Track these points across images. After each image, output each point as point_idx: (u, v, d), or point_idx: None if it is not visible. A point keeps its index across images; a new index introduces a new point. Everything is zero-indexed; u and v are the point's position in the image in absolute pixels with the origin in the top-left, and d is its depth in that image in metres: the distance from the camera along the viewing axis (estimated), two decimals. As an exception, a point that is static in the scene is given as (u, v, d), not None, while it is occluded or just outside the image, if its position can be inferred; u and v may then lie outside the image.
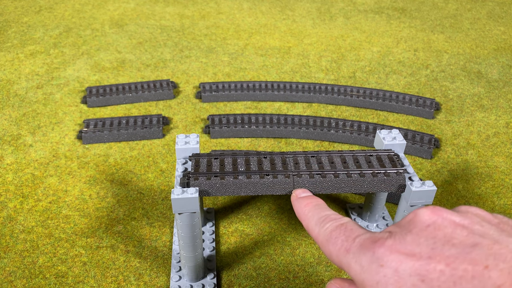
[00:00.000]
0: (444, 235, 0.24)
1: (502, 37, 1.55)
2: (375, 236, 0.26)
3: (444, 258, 0.23)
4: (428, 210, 0.26)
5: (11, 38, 1.45)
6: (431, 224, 0.25)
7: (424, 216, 0.26)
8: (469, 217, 0.26)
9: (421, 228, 0.25)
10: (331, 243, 0.28)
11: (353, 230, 0.28)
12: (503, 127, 1.06)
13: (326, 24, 1.62)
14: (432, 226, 0.25)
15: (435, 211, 0.26)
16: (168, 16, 1.66)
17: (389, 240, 0.25)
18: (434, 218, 0.26)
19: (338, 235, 0.28)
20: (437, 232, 0.25)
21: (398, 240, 0.25)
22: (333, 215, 0.31)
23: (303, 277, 0.69)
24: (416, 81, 1.25)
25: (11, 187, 0.84)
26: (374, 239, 0.26)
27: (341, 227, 0.29)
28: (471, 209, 0.27)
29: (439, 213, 0.26)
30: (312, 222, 0.32)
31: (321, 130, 0.99)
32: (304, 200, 0.36)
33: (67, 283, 0.66)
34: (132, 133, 0.98)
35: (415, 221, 0.26)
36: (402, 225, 0.27)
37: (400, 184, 0.59)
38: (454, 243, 0.24)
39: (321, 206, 0.34)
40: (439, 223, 0.25)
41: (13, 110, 1.08)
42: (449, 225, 0.25)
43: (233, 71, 1.28)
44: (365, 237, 0.27)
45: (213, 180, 0.57)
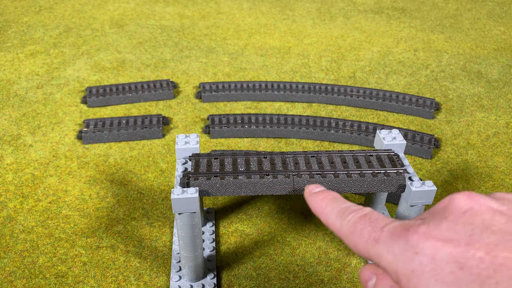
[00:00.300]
0: (482, 221, 0.23)
1: (502, 37, 1.55)
2: (406, 224, 0.25)
3: (483, 245, 0.22)
4: (465, 196, 0.25)
5: (11, 38, 1.45)
6: (468, 210, 0.24)
7: (461, 202, 0.25)
8: (506, 203, 0.25)
9: (457, 214, 0.24)
10: (357, 235, 0.27)
11: (379, 219, 0.27)
12: (503, 127, 1.06)
13: (326, 24, 1.62)
14: (470, 212, 0.24)
15: (472, 197, 0.25)
16: (168, 16, 1.66)
17: (423, 226, 0.24)
18: (471, 204, 0.25)
19: (363, 226, 0.27)
20: (474, 218, 0.24)
21: (433, 226, 0.24)
22: (353, 206, 0.30)
23: (303, 277, 0.69)
24: (416, 81, 1.25)
25: (11, 187, 0.84)
26: (406, 227, 0.25)
27: (365, 217, 0.28)
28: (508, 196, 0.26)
29: (476, 198, 0.25)
30: (332, 215, 0.30)
31: (321, 130, 0.99)
32: (319, 195, 0.34)
33: (67, 283, 0.66)
34: (132, 133, 0.98)
35: (450, 208, 0.25)
36: (436, 211, 0.26)
37: (400, 184, 0.59)
38: (493, 230, 0.23)
39: (339, 198, 0.33)
40: (476, 209, 0.24)
41: (13, 110, 1.08)
42: (487, 211, 0.24)
43: (233, 71, 1.28)
44: (394, 225, 0.26)
45: (213, 180, 0.57)
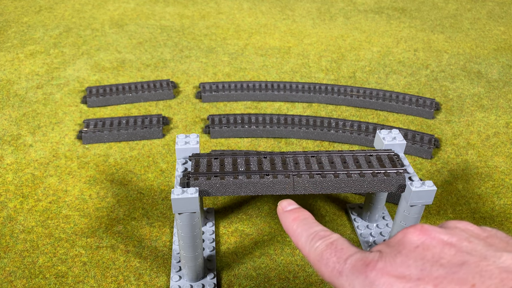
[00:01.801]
0: (433, 255, 0.25)
1: (502, 37, 1.55)
2: (366, 258, 0.27)
3: (432, 279, 0.23)
4: (417, 230, 0.27)
5: (11, 38, 1.45)
6: (420, 244, 0.26)
7: (413, 236, 0.26)
8: (457, 234, 0.26)
9: (410, 249, 0.26)
10: (323, 264, 0.28)
11: (344, 249, 0.28)
12: (503, 127, 1.06)
13: (326, 24, 1.62)
14: (421, 246, 0.26)
15: (424, 231, 0.26)
16: (168, 16, 1.66)
17: (380, 262, 0.26)
18: (422, 239, 0.26)
19: (329, 255, 0.28)
20: (425, 252, 0.25)
21: (389, 262, 0.25)
22: (322, 231, 0.31)
23: (303, 277, 0.69)
24: (416, 81, 1.25)
25: (11, 187, 0.84)
26: (366, 261, 0.26)
27: (331, 246, 0.29)
28: (460, 224, 0.28)
29: (427, 232, 0.26)
30: (302, 239, 0.32)
31: (321, 130, 0.99)
32: (291, 214, 0.35)
33: (67, 283, 0.66)
34: (132, 133, 0.98)
35: (404, 242, 0.27)
36: (392, 245, 0.27)
37: (400, 184, 0.59)
38: (442, 263, 0.24)
39: (309, 221, 0.33)
40: (427, 243, 0.26)
41: (13, 110, 1.08)
42: (438, 244, 0.25)
43: (233, 71, 1.28)
44: (356, 258, 0.27)
45: (213, 180, 0.57)
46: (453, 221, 0.29)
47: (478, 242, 0.25)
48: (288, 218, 0.34)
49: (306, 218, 0.34)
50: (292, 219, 0.34)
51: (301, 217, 0.34)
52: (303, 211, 0.35)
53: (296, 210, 0.35)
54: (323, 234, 0.31)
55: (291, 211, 0.35)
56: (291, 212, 0.35)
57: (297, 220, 0.34)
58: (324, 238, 0.30)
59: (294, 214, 0.35)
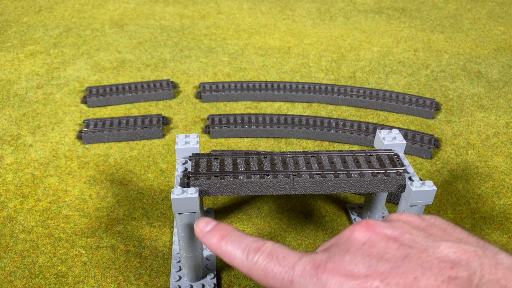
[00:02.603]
0: (378, 251, 0.25)
1: (502, 37, 1.55)
2: (314, 260, 0.27)
3: (379, 275, 0.24)
4: (362, 227, 0.27)
5: (11, 38, 1.45)
6: (366, 241, 0.26)
7: (360, 234, 0.27)
8: (399, 227, 0.27)
9: (357, 246, 0.26)
10: (271, 278, 0.28)
11: (286, 257, 0.28)
12: (503, 127, 1.06)
13: (326, 24, 1.62)
14: (367, 243, 0.26)
15: (369, 227, 0.27)
16: (168, 16, 1.66)
17: (330, 263, 0.26)
18: (368, 235, 0.27)
19: (274, 268, 0.28)
20: (371, 249, 0.26)
21: (338, 261, 0.26)
22: (254, 243, 0.30)
23: (303, 277, 0.69)
24: (416, 81, 1.25)
25: (11, 187, 0.84)
26: (315, 264, 0.27)
27: (272, 257, 0.28)
28: (402, 217, 0.29)
29: (372, 228, 0.27)
30: (237, 258, 0.30)
31: (321, 130, 0.99)
32: (214, 234, 0.32)
33: (67, 283, 0.66)
34: (132, 133, 0.98)
35: (351, 240, 0.27)
36: (340, 244, 0.27)
37: (400, 184, 0.59)
38: (387, 258, 0.25)
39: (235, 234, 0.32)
40: (373, 240, 0.26)
41: (13, 110, 1.08)
42: (382, 240, 0.26)
43: (233, 71, 1.28)
44: (303, 262, 0.27)
45: (213, 180, 0.57)
46: (395, 213, 0.29)
47: (418, 233, 0.26)
48: (212, 239, 0.32)
49: (230, 233, 0.32)
50: (217, 239, 0.32)
51: (226, 233, 0.32)
52: (225, 226, 0.33)
53: (217, 227, 0.33)
54: (257, 246, 0.30)
55: (212, 231, 0.33)
56: (213, 232, 0.33)
57: (223, 239, 0.31)
58: (260, 251, 0.29)
59: (217, 233, 0.32)
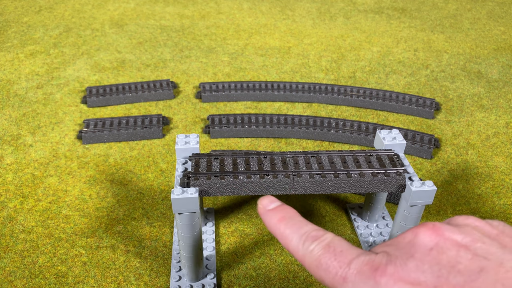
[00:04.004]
0: (449, 260, 0.23)
1: (502, 37, 1.55)
2: (373, 261, 0.25)
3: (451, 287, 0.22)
4: (429, 230, 0.25)
5: (11, 38, 1.45)
6: (433, 247, 0.24)
7: (426, 237, 0.25)
8: (469, 233, 0.25)
9: (423, 252, 0.24)
10: (322, 270, 0.26)
11: (343, 252, 0.26)
12: (503, 127, 1.06)
13: (326, 24, 1.62)
14: (435, 249, 0.24)
15: (436, 230, 0.25)
16: (168, 16, 1.66)
17: (390, 267, 0.24)
18: (435, 240, 0.24)
19: (328, 260, 0.26)
20: (441, 256, 0.24)
21: (400, 266, 0.24)
22: (313, 231, 0.29)
23: (303, 277, 0.69)
24: (416, 81, 1.25)
25: (11, 187, 0.84)
26: (373, 265, 0.24)
27: (329, 249, 0.27)
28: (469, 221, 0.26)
29: (439, 232, 0.25)
30: (293, 242, 0.29)
31: (321, 130, 0.99)
32: (276, 214, 0.31)
33: (67, 283, 0.66)
34: (132, 133, 0.98)
35: (415, 244, 0.25)
36: (402, 246, 0.25)
37: (400, 184, 0.59)
38: (459, 269, 0.23)
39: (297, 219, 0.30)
40: (441, 246, 0.24)
41: (13, 110, 1.08)
42: (452, 246, 0.24)
43: (233, 71, 1.28)
44: (361, 261, 0.25)
45: (213, 180, 0.57)
46: (460, 217, 0.27)
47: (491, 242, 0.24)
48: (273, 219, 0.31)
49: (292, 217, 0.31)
50: (277, 219, 0.31)
51: (287, 216, 0.31)
52: (288, 209, 0.32)
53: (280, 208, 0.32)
54: (316, 235, 0.28)
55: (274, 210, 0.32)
56: (275, 211, 0.31)
57: (283, 220, 0.30)
58: (318, 240, 0.28)
59: (278, 213, 0.31)
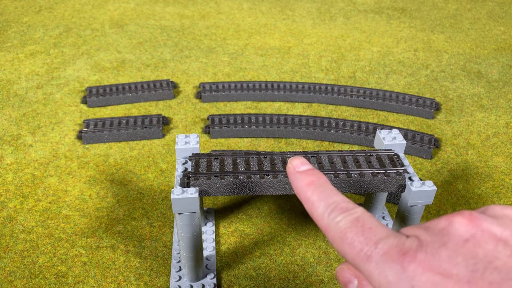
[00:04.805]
0: (485, 254, 0.22)
1: (502, 37, 1.55)
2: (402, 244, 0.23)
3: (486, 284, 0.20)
4: (465, 219, 0.23)
5: (11, 38, 1.45)
6: (469, 238, 0.22)
7: (461, 227, 0.23)
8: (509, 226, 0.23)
9: (457, 242, 0.22)
10: (347, 244, 0.25)
11: (372, 229, 0.25)
12: (503, 127, 1.06)
13: (326, 24, 1.62)
14: (471, 241, 0.22)
15: (473, 220, 0.23)
16: (168, 16, 1.66)
17: (421, 253, 0.22)
18: (472, 231, 0.23)
19: (355, 235, 0.25)
20: (477, 249, 0.22)
21: (431, 254, 0.22)
22: (343, 202, 0.27)
23: (303, 277, 0.69)
24: (416, 81, 1.25)
25: (11, 187, 0.84)
26: (402, 249, 0.23)
27: (357, 223, 0.25)
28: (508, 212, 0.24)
29: (477, 222, 0.23)
30: (319, 210, 0.27)
31: (321, 130, 0.99)
32: (305, 177, 0.29)
33: (67, 283, 0.66)
34: (132, 133, 0.98)
35: (450, 232, 0.23)
36: (434, 233, 0.23)
37: (400, 184, 0.59)
38: (497, 265, 0.21)
39: (327, 187, 0.28)
40: (478, 238, 0.22)
41: (13, 110, 1.08)
42: (490, 240, 0.22)
43: (233, 71, 1.28)
44: (389, 242, 0.24)
45: (213, 180, 0.57)
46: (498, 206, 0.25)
47: None
48: (301, 181, 0.29)
49: (323, 183, 0.29)
50: (306, 183, 0.29)
51: (317, 181, 0.29)
52: (319, 174, 0.29)
53: (311, 172, 0.30)
54: (345, 206, 0.26)
55: (305, 173, 0.29)
56: (305, 174, 0.29)
57: (312, 185, 0.28)
58: (347, 212, 0.26)
59: (308, 177, 0.29)
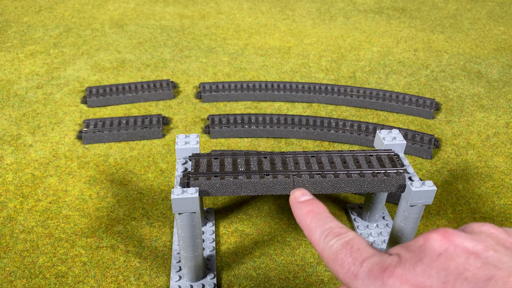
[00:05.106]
0: (457, 266, 0.23)
1: (502, 37, 1.55)
2: (384, 262, 0.25)
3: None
4: (439, 236, 0.25)
5: (11, 38, 1.45)
6: (442, 252, 0.24)
7: (436, 242, 0.25)
8: (482, 240, 0.24)
9: (432, 257, 0.24)
10: (338, 264, 0.27)
11: (360, 250, 0.27)
12: (503, 127, 1.06)
13: (326, 24, 1.62)
14: (444, 255, 0.24)
15: (447, 236, 0.25)
16: (168, 16, 1.66)
17: (399, 269, 0.24)
18: (445, 246, 0.24)
19: (344, 256, 0.27)
20: (449, 262, 0.23)
21: (408, 269, 0.24)
22: (337, 228, 0.30)
23: (303, 277, 0.69)
24: (416, 81, 1.25)
25: (11, 187, 0.84)
26: (383, 266, 0.25)
27: (347, 246, 0.28)
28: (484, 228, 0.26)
29: (450, 238, 0.24)
30: (316, 235, 0.30)
31: (321, 130, 0.99)
32: (305, 206, 0.33)
33: (67, 283, 0.66)
34: (132, 133, 0.98)
35: (425, 248, 0.25)
36: (412, 250, 0.25)
37: (400, 184, 0.59)
38: (466, 276, 0.22)
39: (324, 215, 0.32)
40: (451, 252, 0.24)
41: (13, 110, 1.08)
42: (462, 253, 0.24)
43: (233, 71, 1.28)
44: (373, 261, 0.26)
45: (213, 180, 0.57)
46: (476, 224, 0.27)
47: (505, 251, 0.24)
48: (302, 210, 0.33)
49: (320, 212, 0.32)
50: (306, 212, 0.32)
51: (316, 210, 0.32)
52: (317, 204, 0.33)
53: (311, 202, 0.33)
54: (339, 232, 0.29)
55: (305, 203, 0.33)
56: (305, 204, 0.33)
57: (311, 214, 0.32)
58: (340, 236, 0.29)
59: (308, 206, 0.33)
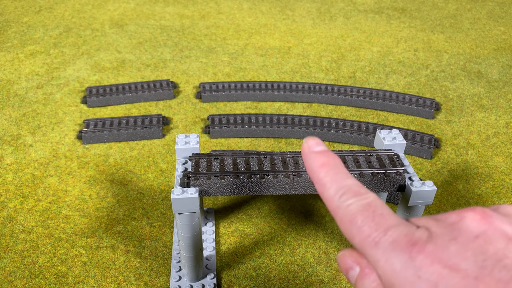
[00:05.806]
0: (496, 252, 0.22)
1: (502, 37, 1.55)
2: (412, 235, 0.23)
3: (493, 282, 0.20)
4: (477, 215, 0.23)
5: (11, 38, 1.45)
6: (480, 234, 0.22)
7: (473, 222, 0.23)
8: None
9: (468, 237, 0.22)
10: (356, 228, 0.24)
11: (384, 216, 0.24)
12: (503, 127, 1.06)
13: (326, 24, 1.62)
14: (482, 237, 0.22)
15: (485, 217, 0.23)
16: (168, 16, 1.66)
17: (430, 245, 0.22)
18: (483, 227, 0.23)
19: (365, 220, 0.24)
20: (487, 246, 0.22)
21: (441, 247, 0.22)
22: (356, 186, 0.27)
23: (303, 277, 0.69)
24: (416, 81, 1.25)
25: (11, 187, 0.84)
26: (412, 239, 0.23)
27: (369, 208, 0.25)
28: None
29: (489, 220, 0.23)
30: (330, 191, 0.27)
31: (321, 130, 0.99)
32: (320, 158, 0.29)
33: (67, 283, 0.66)
34: (132, 133, 0.98)
35: (461, 227, 0.23)
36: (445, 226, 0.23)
37: (400, 184, 0.59)
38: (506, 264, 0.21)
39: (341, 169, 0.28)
40: (489, 235, 0.22)
41: (13, 110, 1.08)
42: (501, 238, 0.22)
43: (233, 71, 1.28)
44: (399, 231, 0.23)
45: (213, 180, 0.57)
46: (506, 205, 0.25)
47: None
48: (315, 162, 0.29)
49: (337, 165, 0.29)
50: (320, 163, 0.29)
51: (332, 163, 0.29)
52: (333, 156, 0.29)
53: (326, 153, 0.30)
54: (358, 191, 0.26)
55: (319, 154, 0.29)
56: (320, 155, 0.29)
57: (326, 166, 0.28)
58: (360, 196, 0.26)
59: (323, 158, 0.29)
